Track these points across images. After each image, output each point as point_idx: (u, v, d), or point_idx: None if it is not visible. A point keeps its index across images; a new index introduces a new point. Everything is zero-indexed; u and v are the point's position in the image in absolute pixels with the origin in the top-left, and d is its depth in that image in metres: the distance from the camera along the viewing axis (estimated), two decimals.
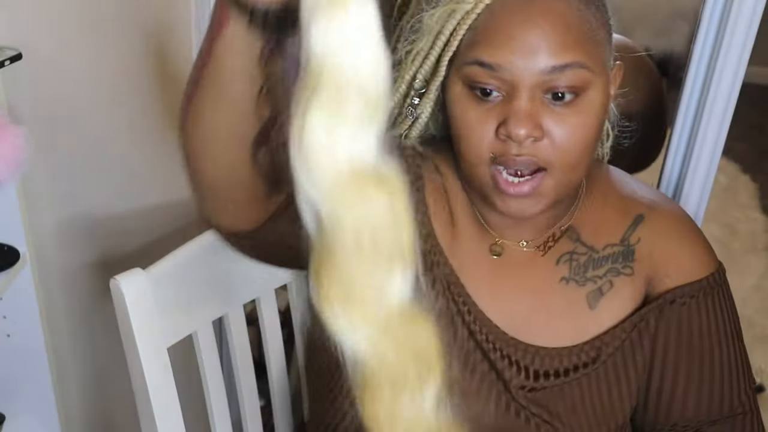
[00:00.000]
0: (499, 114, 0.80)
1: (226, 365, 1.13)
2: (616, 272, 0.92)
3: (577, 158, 0.82)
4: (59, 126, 1.26)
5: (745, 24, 1.05)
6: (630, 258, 0.92)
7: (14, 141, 1.11)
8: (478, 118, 0.81)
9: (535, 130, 0.79)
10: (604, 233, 0.93)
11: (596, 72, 0.80)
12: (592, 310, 0.92)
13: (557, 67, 0.78)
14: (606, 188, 0.95)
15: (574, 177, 0.84)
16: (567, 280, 0.92)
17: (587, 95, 0.80)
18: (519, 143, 0.79)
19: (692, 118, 1.15)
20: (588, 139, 0.81)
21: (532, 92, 0.79)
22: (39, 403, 1.42)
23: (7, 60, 1.16)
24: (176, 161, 1.24)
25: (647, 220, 0.93)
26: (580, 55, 0.78)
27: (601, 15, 0.82)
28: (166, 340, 0.99)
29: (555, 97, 0.79)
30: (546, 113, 0.79)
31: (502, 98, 0.80)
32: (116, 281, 0.93)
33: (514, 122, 0.78)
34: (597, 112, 0.81)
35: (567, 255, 0.93)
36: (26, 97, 1.24)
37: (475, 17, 0.80)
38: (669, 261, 0.92)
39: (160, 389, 0.98)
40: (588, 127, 0.81)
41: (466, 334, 0.90)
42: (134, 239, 1.32)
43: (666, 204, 0.97)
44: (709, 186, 1.18)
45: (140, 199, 1.29)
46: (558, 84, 0.78)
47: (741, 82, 1.10)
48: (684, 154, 1.17)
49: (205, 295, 1.03)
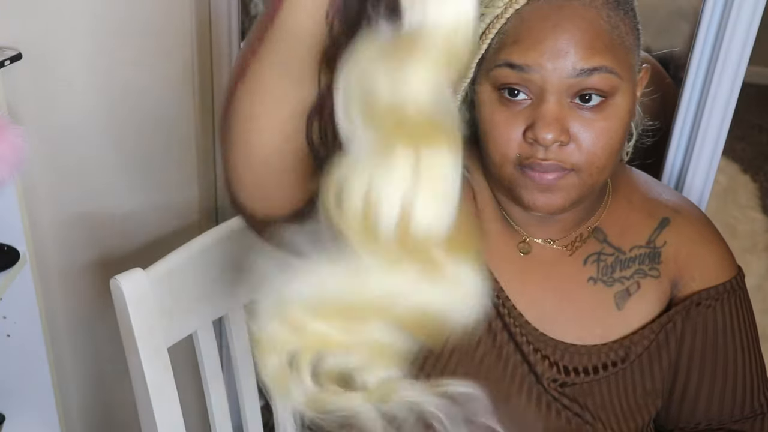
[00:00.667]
0: (528, 117, 0.81)
1: (226, 365, 1.13)
2: (643, 274, 0.94)
3: (603, 162, 0.82)
4: (59, 126, 1.26)
5: (745, 24, 1.05)
6: (656, 260, 0.94)
7: (14, 141, 1.11)
8: (507, 121, 0.82)
9: (562, 134, 0.80)
10: (631, 235, 0.94)
11: (624, 77, 0.81)
12: (619, 310, 0.93)
13: (585, 71, 0.79)
14: (630, 190, 0.96)
15: (600, 179, 0.85)
16: (595, 281, 0.93)
17: (614, 100, 0.81)
18: (546, 147, 0.80)
19: (692, 118, 1.15)
20: (614, 143, 0.82)
21: (559, 96, 0.80)
22: (39, 403, 1.42)
23: (7, 60, 1.16)
24: (176, 161, 1.25)
25: (673, 224, 0.95)
26: (609, 60, 0.79)
27: (629, 20, 0.83)
28: (166, 340, 0.99)
29: (582, 99, 0.80)
30: (573, 118, 0.80)
31: (530, 102, 0.81)
32: (116, 281, 0.93)
33: (542, 126, 0.79)
34: (623, 116, 0.82)
35: (594, 255, 0.94)
36: (26, 97, 1.24)
37: (505, 21, 0.82)
38: (695, 264, 0.94)
39: (160, 389, 0.98)
40: (614, 131, 0.82)
41: (500, 325, 0.91)
42: (134, 239, 1.32)
43: (690, 208, 0.98)
44: (709, 186, 1.18)
45: (140, 199, 1.29)
46: (585, 88, 0.79)
47: (741, 82, 1.10)
48: (684, 154, 1.17)
49: (205, 295, 1.03)
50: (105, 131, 1.25)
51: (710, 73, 1.10)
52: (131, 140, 1.25)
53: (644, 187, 0.98)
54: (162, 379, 0.98)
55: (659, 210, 0.95)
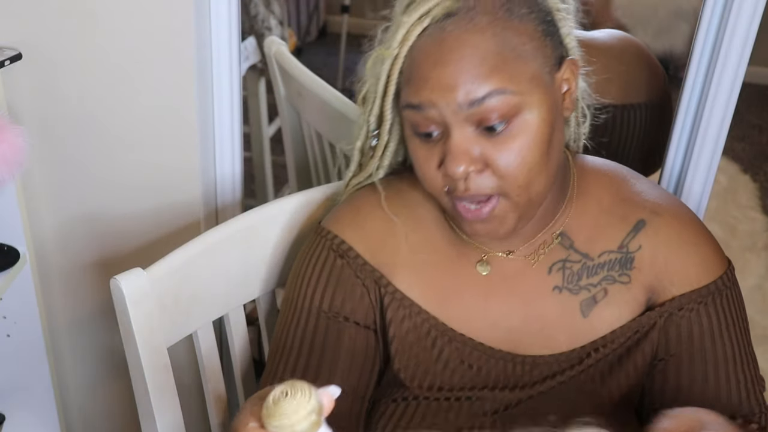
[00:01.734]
0: (440, 152, 0.83)
1: (226, 365, 1.13)
2: (611, 280, 0.91)
3: (525, 179, 0.82)
4: (59, 126, 1.26)
5: (745, 24, 1.05)
6: (628, 266, 0.91)
7: (14, 141, 1.11)
8: (425, 157, 0.85)
9: (472, 164, 0.81)
10: (601, 239, 0.92)
11: (525, 91, 0.80)
12: (585, 318, 0.91)
13: (476, 100, 0.78)
14: (601, 191, 0.94)
15: (532, 193, 0.84)
16: (560, 289, 0.92)
17: (521, 117, 0.80)
18: (462, 179, 0.81)
19: (692, 118, 1.14)
20: (534, 157, 0.81)
21: (462, 127, 0.80)
22: (39, 403, 1.42)
23: (7, 60, 1.16)
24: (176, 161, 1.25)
25: (649, 226, 0.92)
26: (500, 82, 0.78)
27: (527, 25, 0.81)
28: (166, 340, 0.99)
29: (488, 127, 0.80)
30: (483, 143, 0.81)
31: (441, 136, 0.82)
32: (116, 281, 0.93)
33: (449, 160, 0.81)
34: (537, 128, 0.81)
35: (560, 263, 0.92)
36: (26, 97, 1.24)
37: (402, 62, 0.83)
38: (674, 269, 0.91)
39: (160, 389, 0.98)
40: (530, 146, 0.81)
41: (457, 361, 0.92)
42: (134, 239, 1.32)
43: (672, 207, 0.94)
44: (709, 186, 1.18)
45: (140, 199, 1.29)
46: (484, 116, 0.79)
47: (741, 82, 1.09)
48: (684, 154, 1.17)
49: (205, 295, 1.03)
50: (105, 131, 1.25)
51: (710, 73, 1.10)
52: (131, 140, 1.25)
53: (619, 186, 0.95)
54: (162, 379, 0.98)
55: (634, 212, 0.92)
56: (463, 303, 0.92)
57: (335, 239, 0.95)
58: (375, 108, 0.89)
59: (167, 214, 1.29)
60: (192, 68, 1.17)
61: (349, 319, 0.93)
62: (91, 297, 1.40)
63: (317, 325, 0.94)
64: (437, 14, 0.80)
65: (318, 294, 0.94)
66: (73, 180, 1.30)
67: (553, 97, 0.83)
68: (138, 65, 1.19)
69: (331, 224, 0.97)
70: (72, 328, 1.44)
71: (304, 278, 0.96)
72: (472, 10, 0.80)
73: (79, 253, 1.36)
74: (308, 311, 0.94)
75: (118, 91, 1.22)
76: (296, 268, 0.98)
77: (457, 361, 0.92)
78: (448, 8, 0.80)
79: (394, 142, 0.93)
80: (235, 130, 1.26)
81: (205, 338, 1.04)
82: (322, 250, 0.95)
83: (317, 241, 0.97)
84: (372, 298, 0.94)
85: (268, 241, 1.08)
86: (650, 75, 1.33)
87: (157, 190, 1.28)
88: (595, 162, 0.97)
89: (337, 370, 0.93)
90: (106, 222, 1.32)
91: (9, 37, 1.20)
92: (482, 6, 0.80)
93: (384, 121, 0.90)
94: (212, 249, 1.02)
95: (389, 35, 0.85)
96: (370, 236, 0.94)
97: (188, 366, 1.22)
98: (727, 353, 0.92)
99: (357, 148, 0.96)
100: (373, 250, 0.94)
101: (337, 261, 0.94)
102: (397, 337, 0.93)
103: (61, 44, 1.20)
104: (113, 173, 1.28)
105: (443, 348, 0.92)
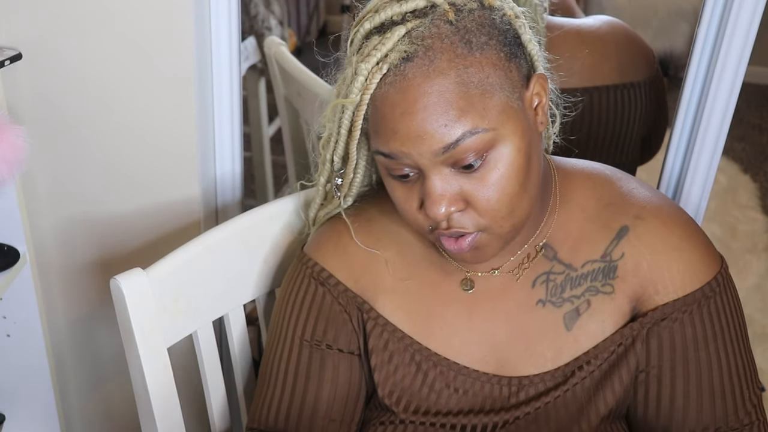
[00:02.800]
0: (419, 192, 0.81)
1: (226, 365, 1.13)
2: (594, 291, 0.89)
3: (509, 208, 0.81)
4: (59, 126, 1.26)
5: (745, 24, 1.05)
6: (611, 275, 0.89)
7: (14, 141, 1.11)
8: (405, 198, 0.83)
9: (453, 204, 0.79)
10: (584, 249, 0.90)
11: (497, 125, 0.78)
12: (568, 331, 0.89)
13: (449, 145, 0.77)
14: (584, 198, 0.91)
15: (516, 219, 0.83)
16: (543, 303, 0.90)
17: (496, 150, 0.79)
18: (443, 220, 0.80)
19: (692, 118, 1.14)
20: (514, 187, 0.80)
21: (438, 170, 0.79)
22: (39, 403, 1.42)
23: (7, 60, 1.16)
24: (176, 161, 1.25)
25: (633, 233, 0.89)
26: (471, 123, 0.76)
27: (488, 55, 0.78)
28: (166, 340, 0.99)
29: (464, 167, 0.78)
30: (462, 182, 0.79)
31: (417, 175, 0.81)
32: (116, 281, 0.93)
33: (429, 204, 0.80)
34: (514, 159, 0.79)
35: (543, 276, 0.90)
36: (26, 97, 1.24)
37: (365, 109, 0.81)
38: (658, 276, 0.88)
39: (160, 389, 0.98)
40: (509, 177, 0.79)
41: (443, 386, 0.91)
42: (134, 239, 1.32)
43: (658, 209, 0.90)
44: (709, 186, 1.18)
45: (140, 199, 1.29)
46: (459, 158, 0.77)
47: (741, 82, 1.09)
48: (684, 154, 1.17)
49: (205, 295, 1.03)
50: (105, 131, 1.25)
51: (710, 73, 1.10)
52: (131, 140, 1.25)
53: (603, 190, 0.92)
54: (162, 379, 0.98)
55: (618, 217, 0.89)
56: (447, 323, 0.92)
57: (315, 267, 0.95)
58: (339, 150, 0.87)
59: (167, 214, 1.29)
60: (192, 68, 1.17)
61: (332, 347, 0.94)
62: (91, 297, 1.40)
63: (300, 354, 0.95)
64: (395, 59, 0.77)
65: (300, 323, 0.95)
66: (73, 180, 1.30)
67: (525, 120, 0.81)
68: (138, 65, 1.19)
69: (313, 251, 0.96)
70: (72, 328, 1.44)
71: (286, 307, 0.97)
72: (431, 50, 0.76)
73: (79, 253, 1.36)
74: (291, 341, 0.95)
75: (118, 91, 1.22)
76: (280, 295, 1.00)
77: (442, 385, 0.91)
78: (405, 51, 0.77)
79: (360, 174, 0.92)
80: (235, 130, 1.26)
81: (205, 338, 1.04)
82: (303, 278, 0.96)
83: (299, 268, 0.97)
84: (355, 324, 0.94)
85: (268, 241, 1.08)
86: (642, 53, 1.35)
87: (157, 190, 1.28)
88: (578, 165, 0.95)
89: (322, 398, 0.94)
90: (106, 222, 1.32)
91: (9, 37, 1.20)
92: (440, 45, 0.77)
93: (350, 161, 0.88)
94: (212, 249, 1.02)
95: (346, 80, 0.82)
96: (352, 262, 0.94)
97: (188, 366, 1.22)
98: (712, 364, 0.88)
99: (321, 184, 0.94)
100: (356, 276, 0.94)
101: (318, 289, 0.94)
102: (381, 364, 0.92)
103: (61, 44, 1.20)
104: (113, 173, 1.28)
105: (428, 373, 0.91)
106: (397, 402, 0.92)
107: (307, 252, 0.97)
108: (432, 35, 0.77)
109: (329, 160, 0.90)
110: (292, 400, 0.95)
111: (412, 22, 0.78)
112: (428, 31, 0.77)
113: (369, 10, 0.82)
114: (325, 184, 0.94)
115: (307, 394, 0.94)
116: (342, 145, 0.87)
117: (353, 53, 0.82)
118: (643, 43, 1.37)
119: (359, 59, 0.80)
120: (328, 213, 0.98)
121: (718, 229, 2.61)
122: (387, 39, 0.78)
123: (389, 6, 0.80)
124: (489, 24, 0.79)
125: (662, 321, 0.88)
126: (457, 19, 0.78)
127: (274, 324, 0.99)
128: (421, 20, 0.78)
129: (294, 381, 0.95)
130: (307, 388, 0.94)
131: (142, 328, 0.95)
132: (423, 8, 0.79)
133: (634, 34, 1.36)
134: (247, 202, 1.34)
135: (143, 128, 1.24)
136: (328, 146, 0.89)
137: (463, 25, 0.78)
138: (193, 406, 1.30)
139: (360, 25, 0.82)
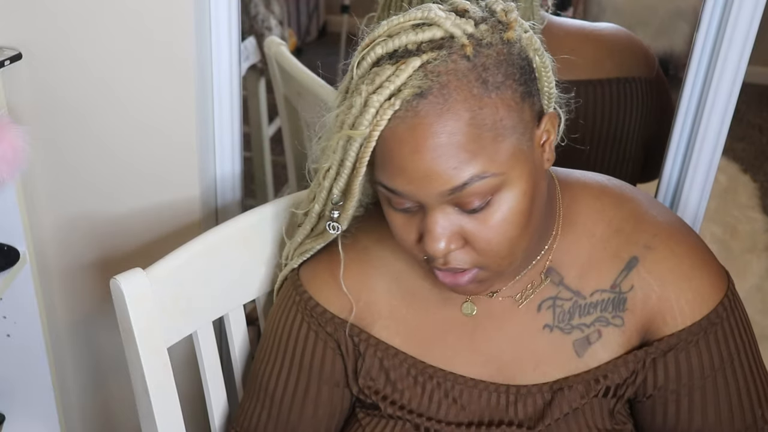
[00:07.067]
0: (419, 224, 0.79)
1: (226, 365, 1.13)
2: (605, 322, 0.87)
3: (509, 249, 0.79)
4: (59, 126, 1.26)
5: (745, 24, 1.05)
6: (621, 307, 0.87)
7: (14, 141, 1.11)
8: (403, 228, 0.81)
9: (452, 242, 0.78)
10: (593, 277, 0.88)
11: (505, 170, 0.75)
12: (579, 357, 0.88)
13: (456, 188, 0.74)
14: (591, 220, 0.89)
15: (515, 257, 0.81)
16: (551, 328, 0.88)
17: (501, 195, 0.76)
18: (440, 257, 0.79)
19: (692, 118, 1.14)
20: (515, 230, 0.78)
21: (441, 208, 0.77)
22: (39, 403, 1.42)
23: (7, 60, 1.16)
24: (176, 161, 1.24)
25: (642, 264, 0.87)
26: (480, 167, 0.74)
27: (503, 95, 0.74)
28: (166, 340, 0.99)
29: (468, 209, 0.76)
30: (463, 221, 0.77)
31: (418, 208, 0.79)
32: (116, 281, 0.93)
33: (429, 241, 0.77)
34: (518, 203, 0.77)
35: (549, 300, 0.88)
36: (26, 97, 1.24)
37: (374, 143, 0.76)
38: (667, 308, 0.86)
39: (160, 389, 0.98)
40: (511, 221, 0.77)
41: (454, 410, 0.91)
42: (134, 239, 1.32)
43: (668, 236, 0.88)
44: (709, 186, 1.18)
45: (140, 199, 1.29)
46: (464, 200, 0.75)
47: (741, 82, 1.09)
48: (684, 154, 1.17)
49: (205, 295, 1.03)
50: (105, 131, 1.25)
51: (710, 73, 1.10)
52: (131, 140, 1.25)
53: (613, 213, 0.89)
54: (162, 378, 0.98)
55: (627, 247, 0.87)
56: (448, 346, 0.91)
57: (310, 301, 0.94)
58: (340, 183, 0.82)
59: (167, 214, 1.29)
60: (192, 68, 1.17)
61: (315, 378, 0.95)
62: (91, 297, 1.40)
63: (288, 378, 0.96)
64: (408, 95, 0.73)
65: (289, 351, 0.96)
66: (73, 180, 1.30)
67: (532, 162, 0.78)
68: (138, 65, 1.19)
69: (307, 279, 0.95)
70: (72, 328, 1.44)
71: (276, 329, 0.97)
72: (446, 88, 0.72)
73: (79, 253, 1.36)
74: (280, 362, 0.97)
75: (118, 91, 1.22)
76: (271, 314, 1.00)
77: (441, 395, 0.90)
78: (419, 87, 0.73)
79: (354, 207, 0.86)
80: (235, 130, 1.26)
81: (205, 338, 1.04)
82: (293, 305, 0.96)
83: (291, 295, 0.97)
84: (344, 352, 0.94)
85: (268, 241, 1.08)
86: (642, 54, 1.36)
87: (157, 190, 1.28)
88: (585, 181, 0.92)
89: (305, 418, 0.96)
90: (106, 222, 1.32)
91: (9, 37, 1.20)
92: (456, 83, 0.73)
93: (350, 197, 0.83)
94: (212, 249, 1.02)
95: (354, 109, 0.77)
96: (348, 292, 0.92)
97: (188, 366, 1.22)
98: (719, 388, 0.87)
99: (315, 212, 0.90)
100: (351, 306, 0.92)
101: (304, 322, 0.95)
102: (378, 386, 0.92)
103: (61, 44, 1.20)
104: (113, 173, 1.28)
105: (425, 383, 0.91)
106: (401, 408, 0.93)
107: (301, 279, 0.96)
108: (448, 71, 0.73)
109: (327, 189, 0.85)
110: (274, 416, 0.98)
111: (428, 54, 0.74)
112: (444, 67, 0.73)
113: (381, 33, 0.77)
114: (320, 212, 0.90)
115: (291, 415, 0.97)
116: (344, 179, 0.82)
117: (361, 79, 0.77)
118: (643, 45, 1.39)
119: (370, 89, 0.75)
120: (313, 248, 0.94)
121: (718, 229, 2.61)
122: (401, 71, 0.74)
123: (404, 33, 0.75)
124: (506, 61, 0.75)
125: (669, 352, 0.87)
126: (475, 54, 0.74)
127: (264, 339, 0.99)
128: (438, 53, 0.74)
129: (280, 401, 0.97)
130: (291, 409, 0.97)
131: (142, 328, 0.95)
132: (440, 39, 0.74)
133: (635, 36, 1.38)
134: (247, 202, 1.34)
135: (143, 128, 1.24)
136: (328, 176, 0.84)
137: (481, 62, 0.74)
138: (193, 406, 1.30)
139: (371, 48, 0.77)
